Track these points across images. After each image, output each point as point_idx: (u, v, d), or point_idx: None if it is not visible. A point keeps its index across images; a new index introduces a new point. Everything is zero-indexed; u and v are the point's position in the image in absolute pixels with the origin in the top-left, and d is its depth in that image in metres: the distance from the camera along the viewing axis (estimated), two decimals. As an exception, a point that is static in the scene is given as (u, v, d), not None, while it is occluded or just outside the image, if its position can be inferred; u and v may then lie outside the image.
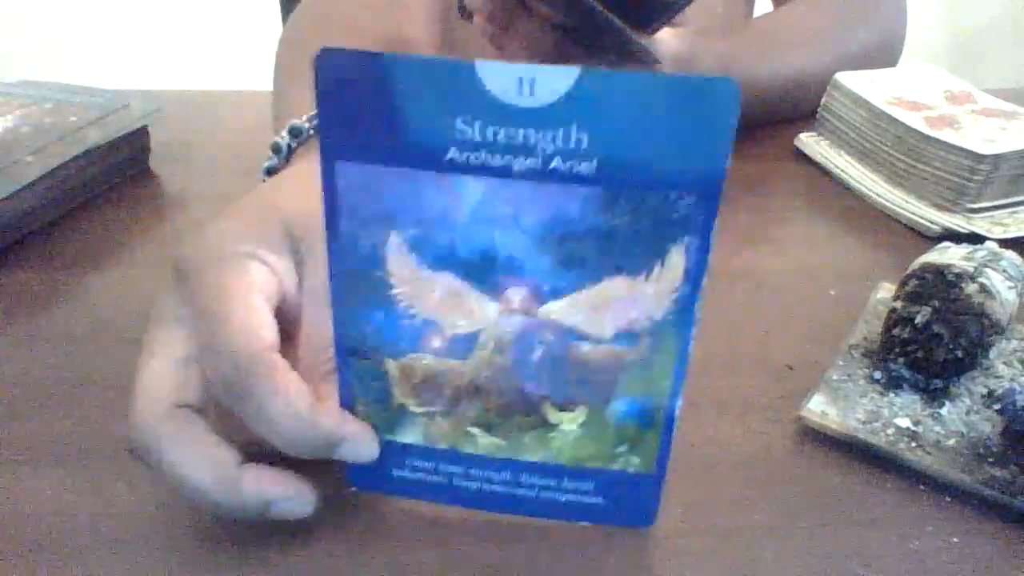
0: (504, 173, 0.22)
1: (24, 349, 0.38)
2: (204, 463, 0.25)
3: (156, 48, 1.92)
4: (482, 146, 0.21)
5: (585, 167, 0.21)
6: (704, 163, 0.21)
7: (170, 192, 0.54)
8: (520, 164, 0.22)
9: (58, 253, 0.46)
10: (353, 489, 0.31)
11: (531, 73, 0.20)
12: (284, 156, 0.41)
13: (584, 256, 0.23)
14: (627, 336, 0.24)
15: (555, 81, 0.20)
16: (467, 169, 0.22)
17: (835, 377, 0.35)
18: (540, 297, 0.24)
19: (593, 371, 0.25)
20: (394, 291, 0.24)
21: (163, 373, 0.26)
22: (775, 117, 0.62)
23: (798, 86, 0.61)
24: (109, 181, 0.53)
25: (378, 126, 0.22)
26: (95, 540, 0.29)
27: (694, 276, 0.23)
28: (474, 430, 0.26)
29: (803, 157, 0.58)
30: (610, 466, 0.26)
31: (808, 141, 0.59)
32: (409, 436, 0.27)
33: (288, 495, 0.26)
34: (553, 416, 0.26)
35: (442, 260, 0.24)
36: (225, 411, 0.28)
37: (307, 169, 0.35)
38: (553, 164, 0.21)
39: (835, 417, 0.33)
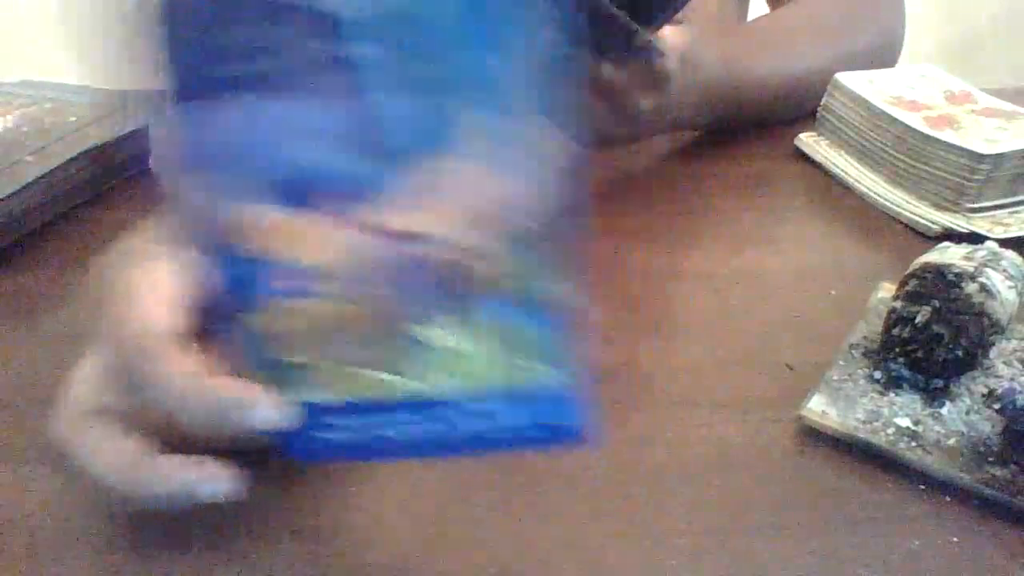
0: (291, 85, 0.21)
1: (24, 349, 0.38)
2: (112, 457, 0.26)
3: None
4: (261, 57, 0.20)
5: (365, 53, 0.20)
6: (483, 15, 0.20)
7: (170, 192, 0.54)
8: (302, 68, 0.20)
9: (58, 253, 0.46)
10: (352, 488, 0.31)
11: None
12: None
13: (397, 152, 0.21)
14: (475, 230, 0.22)
15: None
16: (256, 86, 0.21)
17: (835, 377, 0.35)
18: (367, 205, 0.22)
19: (453, 276, 0.23)
20: (238, 237, 0.23)
21: (83, 380, 0.27)
22: (777, 117, 0.62)
23: (800, 85, 0.61)
24: (109, 181, 0.53)
25: (180, 61, 0.21)
26: (95, 540, 0.29)
27: (528, 150, 0.21)
28: (367, 371, 0.25)
29: (803, 157, 0.58)
30: (521, 381, 0.25)
31: (808, 141, 0.59)
32: (313, 393, 0.26)
33: (204, 477, 0.26)
34: (429, 335, 0.24)
35: (271, 193, 0.22)
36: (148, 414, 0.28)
37: None
38: (334, 56, 0.20)
39: (835, 417, 0.33)
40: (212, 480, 0.26)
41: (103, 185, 0.52)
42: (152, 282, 0.27)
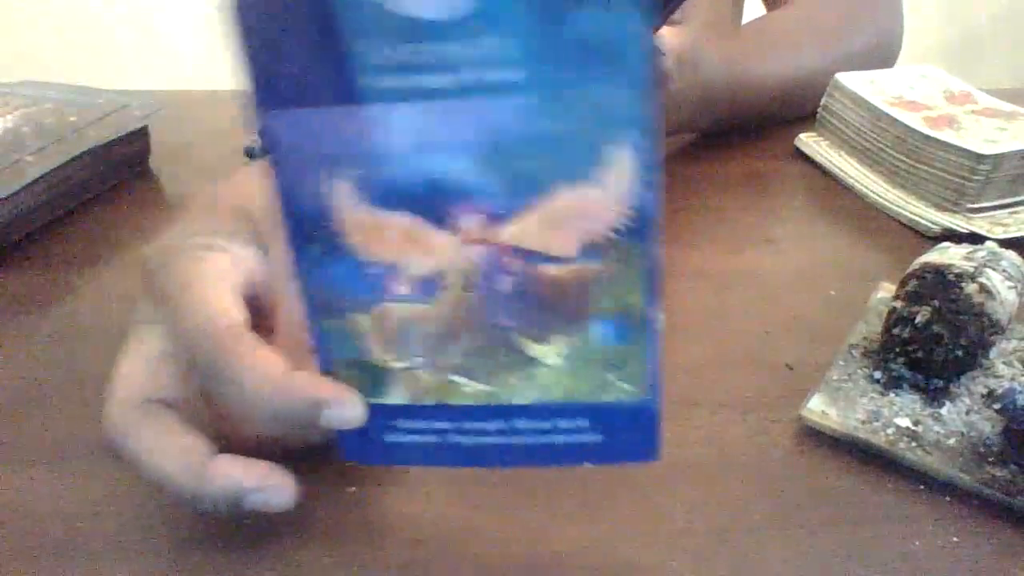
0: (432, 95, 0.21)
1: (24, 349, 0.38)
2: (171, 452, 0.25)
3: (156, 48, 1.92)
4: (408, 69, 0.21)
5: (510, 75, 0.21)
6: (629, 53, 0.20)
7: (170, 192, 0.54)
8: (448, 81, 0.21)
9: (58, 253, 0.46)
10: (352, 488, 0.31)
11: None
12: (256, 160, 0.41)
13: (529, 170, 0.22)
14: (590, 251, 0.23)
15: None
16: (397, 96, 0.21)
17: (835, 377, 0.35)
18: (495, 221, 0.23)
19: (564, 294, 0.24)
20: (349, 240, 0.24)
21: (135, 370, 0.27)
22: (776, 118, 0.62)
23: (800, 86, 0.61)
24: (109, 181, 0.53)
25: (303, 65, 0.21)
26: (94, 540, 0.29)
27: (646, 177, 0.22)
28: (458, 378, 0.25)
29: (803, 157, 0.58)
30: (601, 397, 0.25)
31: (808, 141, 0.59)
32: (394, 396, 0.26)
33: (261, 484, 0.26)
34: (532, 350, 0.25)
35: (390, 198, 0.23)
36: (209, 407, 0.28)
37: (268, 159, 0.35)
38: (480, 76, 0.21)
39: (835, 417, 0.33)
40: (269, 491, 0.26)
41: (103, 185, 0.52)
42: (216, 273, 0.27)
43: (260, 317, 0.28)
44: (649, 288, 0.24)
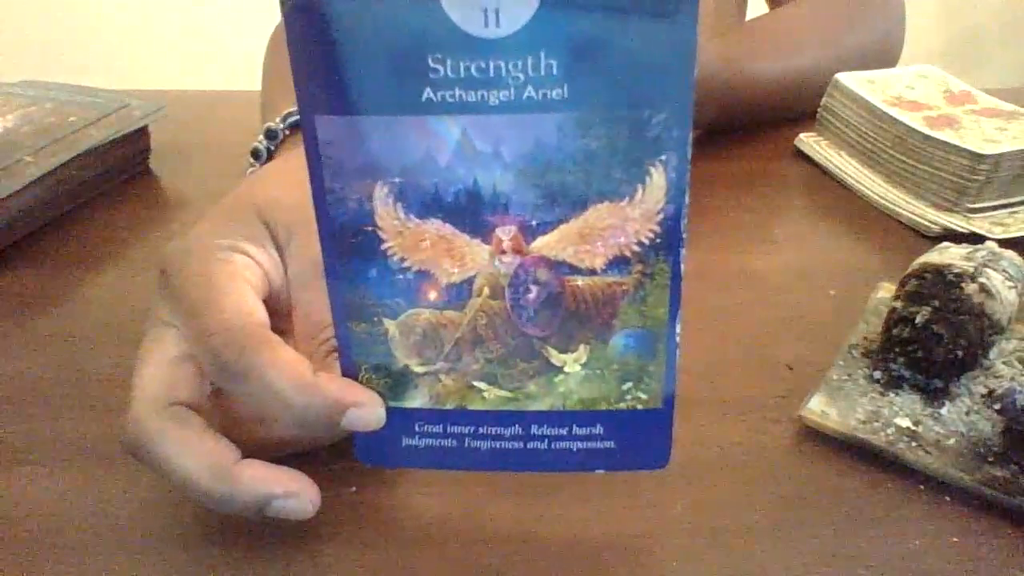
0: (479, 108, 0.22)
1: (24, 349, 0.38)
2: (199, 456, 0.25)
3: (156, 48, 1.92)
4: (455, 83, 0.21)
5: (557, 92, 0.22)
6: (672, 78, 0.21)
7: (170, 192, 0.54)
8: (494, 97, 0.22)
9: (58, 253, 0.46)
10: (352, 489, 0.31)
11: (495, 2, 0.21)
12: (263, 161, 0.41)
13: (567, 185, 0.23)
14: (618, 265, 0.24)
15: (519, 8, 0.21)
16: (443, 108, 0.22)
17: (835, 377, 0.35)
18: (529, 233, 0.24)
19: (590, 306, 0.25)
20: (384, 245, 0.24)
21: (156, 373, 0.27)
22: (776, 117, 0.62)
23: (799, 85, 0.61)
24: (109, 181, 0.53)
25: (351, 74, 0.22)
26: (95, 540, 0.29)
27: (676, 194, 0.23)
28: (479, 384, 0.26)
29: (803, 157, 0.58)
30: (618, 406, 0.26)
31: (808, 141, 0.59)
32: (415, 400, 0.26)
33: (288, 491, 0.26)
34: (556, 358, 0.25)
35: (428, 206, 0.24)
36: (224, 411, 0.28)
37: (282, 160, 0.34)
38: (526, 93, 0.22)
39: (835, 417, 0.33)
40: (294, 499, 0.26)
41: (103, 185, 0.52)
42: (238, 275, 0.27)
43: (275, 320, 0.28)
44: (672, 302, 0.24)
